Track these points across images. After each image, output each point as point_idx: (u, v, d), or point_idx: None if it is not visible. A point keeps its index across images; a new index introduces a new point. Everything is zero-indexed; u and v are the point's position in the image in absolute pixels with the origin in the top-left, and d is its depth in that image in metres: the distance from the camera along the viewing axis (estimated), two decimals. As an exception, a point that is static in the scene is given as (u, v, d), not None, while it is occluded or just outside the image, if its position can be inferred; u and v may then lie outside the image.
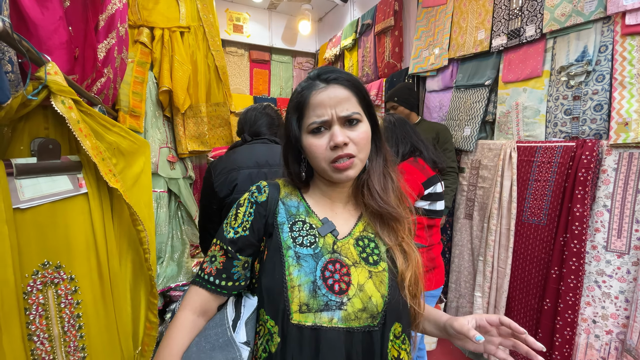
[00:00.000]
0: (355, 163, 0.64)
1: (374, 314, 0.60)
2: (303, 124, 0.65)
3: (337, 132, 0.62)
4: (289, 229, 0.66)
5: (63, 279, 0.69)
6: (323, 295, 0.60)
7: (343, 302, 0.59)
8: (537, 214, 1.84)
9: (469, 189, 2.30)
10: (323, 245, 0.64)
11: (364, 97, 0.67)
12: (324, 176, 0.67)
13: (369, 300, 0.60)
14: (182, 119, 1.84)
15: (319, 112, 0.62)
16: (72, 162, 0.74)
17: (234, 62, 4.11)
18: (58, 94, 0.69)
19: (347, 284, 0.61)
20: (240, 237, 0.67)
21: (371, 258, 0.64)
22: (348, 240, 0.66)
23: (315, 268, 0.62)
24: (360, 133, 0.64)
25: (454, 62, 2.44)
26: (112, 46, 1.28)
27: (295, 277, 0.61)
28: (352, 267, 0.63)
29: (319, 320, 0.58)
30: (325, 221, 0.67)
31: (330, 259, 0.63)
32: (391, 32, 2.95)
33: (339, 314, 0.59)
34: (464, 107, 2.34)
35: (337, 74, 0.64)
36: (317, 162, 0.64)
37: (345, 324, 0.59)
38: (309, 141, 0.64)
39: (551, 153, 1.79)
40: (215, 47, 1.90)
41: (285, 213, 0.68)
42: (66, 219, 0.71)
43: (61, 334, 0.68)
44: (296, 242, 0.64)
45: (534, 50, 1.94)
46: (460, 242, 2.36)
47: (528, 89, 1.97)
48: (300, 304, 0.59)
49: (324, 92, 0.63)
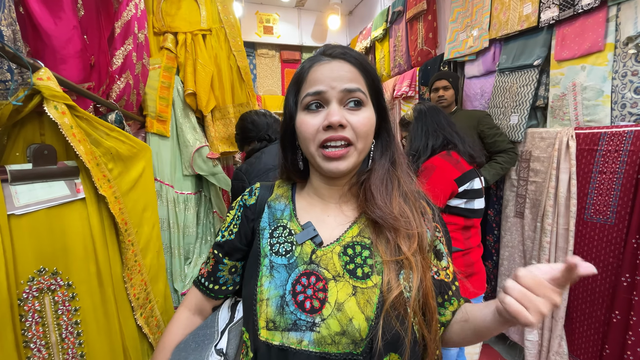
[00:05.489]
0: (350, 153, 0.54)
1: (356, 340, 0.49)
2: (299, 99, 0.57)
3: (334, 109, 0.52)
4: (269, 234, 0.59)
5: (60, 286, 0.68)
6: (291, 313, 0.51)
7: (315, 323, 0.50)
8: (603, 211, 1.57)
9: (519, 184, 2.04)
10: (299, 255, 0.55)
11: (373, 82, 0.58)
12: (316, 167, 0.58)
13: (349, 323, 0.49)
14: (212, 120, 1.85)
15: (316, 84, 0.54)
16: (69, 167, 0.74)
17: (265, 64, 4.15)
18: (51, 99, 0.68)
19: (321, 301, 0.51)
20: (226, 241, 0.63)
21: (360, 270, 0.53)
22: (332, 249, 0.55)
23: (286, 281, 0.53)
24: (362, 118, 0.54)
25: (496, 43, 2.19)
26: (130, 52, 1.31)
27: (265, 290, 0.53)
28: (332, 281, 0.52)
29: (287, 341, 0.50)
30: (307, 226, 0.57)
31: (305, 271, 0.54)
32: (424, 17, 2.74)
33: (310, 335, 0.49)
34: (509, 92, 2.08)
35: (344, 50, 0.56)
36: (307, 144, 0.55)
37: (319, 348, 0.49)
38: (301, 118, 0.55)
39: (619, 140, 1.51)
40: (236, 48, 1.89)
41: (269, 217, 0.61)
42: (63, 225, 0.70)
43: (59, 341, 0.67)
44: (272, 250, 0.57)
45: (593, 20, 1.65)
46: (511, 242, 2.11)
47: (587, 66, 1.68)
48: (267, 319, 0.51)
49: (327, 64, 0.54)
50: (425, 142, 1.39)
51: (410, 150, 1.44)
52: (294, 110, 0.58)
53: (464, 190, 1.30)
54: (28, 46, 0.94)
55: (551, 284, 0.40)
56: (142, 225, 0.94)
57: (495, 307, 0.47)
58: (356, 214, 0.59)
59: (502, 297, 0.41)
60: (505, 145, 1.95)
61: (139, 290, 0.87)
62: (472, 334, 0.55)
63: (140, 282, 0.87)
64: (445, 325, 0.59)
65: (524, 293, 0.40)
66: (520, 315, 0.39)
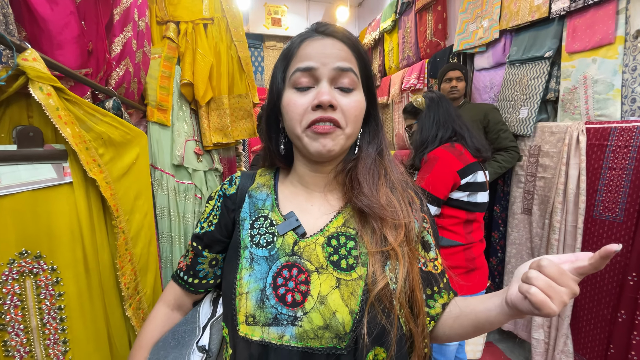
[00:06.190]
0: (337, 135, 0.51)
1: (339, 335, 0.47)
2: (287, 75, 0.54)
3: (324, 88, 0.50)
4: (249, 225, 0.56)
5: (43, 269, 0.68)
6: (271, 307, 0.49)
7: (297, 317, 0.48)
8: (612, 208, 1.51)
9: (527, 180, 1.98)
10: (281, 246, 0.53)
11: (365, 66, 0.55)
12: (301, 149, 0.55)
13: (333, 317, 0.47)
14: (206, 111, 1.84)
15: (307, 59, 0.51)
16: (56, 150, 0.73)
17: (274, 57, 4.12)
18: (36, 80, 0.67)
19: (303, 294, 0.49)
20: (205, 233, 0.60)
21: (344, 262, 0.51)
22: (316, 239, 0.53)
23: (267, 273, 0.51)
24: (352, 102, 0.52)
25: (507, 34, 2.12)
26: (129, 40, 1.30)
27: (245, 283, 0.51)
28: (315, 273, 0.50)
29: (267, 336, 0.48)
30: (289, 216, 0.55)
31: (287, 263, 0.51)
32: (433, 8, 2.67)
33: (292, 330, 0.47)
34: (519, 85, 2.02)
35: (337, 29, 0.54)
36: (292, 125, 0.53)
37: (301, 343, 0.47)
38: (288, 97, 0.53)
39: (629, 135, 1.45)
40: (238, 38, 1.87)
41: (250, 207, 0.58)
42: (49, 208, 0.70)
43: (40, 325, 0.67)
44: (253, 242, 0.54)
45: (603, 12, 1.58)
46: (518, 240, 2.06)
47: (598, 59, 1.61)
48: (246, 314, 0.49)
49: (319, 41, 0.52)
50: (435, 133, 1.35)
51: (419, 140, 1.40)
52: (281, 87, 0.55)
53: (466, 183, 1.27)
54: (24, 31, 0.94)
55: (572, 273, 0.39)
56: (134, 213, 0.93)
57: (504, 298, 0.45)
58: (341, 203, 0.57)
59: (527, 287, 0.40)
60: (508, 142, 1.90)
61: (129, 279, 0.86)
62: (471, 326, 0.53)
63: (130, 272, 0.86)
64: (435, 319, 0.57)
65: (549, 283, 0.38)
66: (545, 306, 0.38)
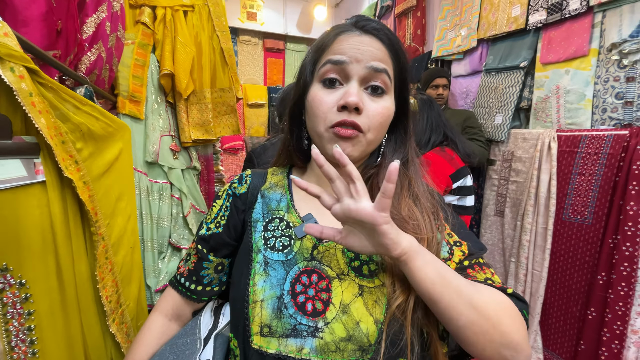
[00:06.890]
0: (359, 140, 0.48)
1: (363, 346, 0.43)
2: (316, 68, 0.51)
3: (353, 89, 0.47)
4: (263, 227, 0.52)
5: (10, 285, 0.57)
6: (290, 317, 0.44)
7: (318, 327, 0.44)
8: (581, 211, 1.61)
9: (500, 184, 2.07)
10: (298, 250, 0.49)
11: (401, 70, 0.52)
12: (320, 149, 0.51)
13: (356, 327, 0.44)
14: (185, 105, 1.71)
15: (340, 53, 0.48)
16: (27, 144, 0.61)
17: (248, 52, 3.99)
18: (6, 59, 0.56)
19: (324, 302, 0.45)
20: (212, 235, 0.55)
21: (366, 268, 0.48)
22: (336, 244, 0.49)
23: (284, 279, 0.47)
24: (380, 107, 0.48)
25: (484, 43, 2.20)
26: (103, 21, 1.16)
27: (259, 290, 0.46)
28: (336, 279, 0.47)
29: (285, 349, 0.43)
30: (307, 218, 0.51)
31: (306, 269, 0.47)
32: (413, 13, 2.73)
33: (312, 342, 0.43)
34: (494, 92, 2.11)
35: (379, 26, 0.49)
36: (316, 122, 0.49)
37: (321, 357, 0.43)
38: (314, 92, 0.50)
39: (599, 143, 1.56)
40: (220, 28, 1.76)
41: (262, 208, 0.54)
42: (17, 212, 0.58)
43: (7, 350, 0.56)
44: (267, 245, 0.50)
45: (579, 25, 1.69)
46: (491, 241, 2.15)
47: (572, 70, 1.72)
48: (261, 324, 0.44)
49: (356, 37, 0.48)
50: (428, 137, 1.35)
51: None
52: (309, 80, 0.52)
53: (457, 187, 1.29)
54: (-13, 4, 0.80)
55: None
56: (115, 217, 0.82)
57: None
58: None
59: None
60: (480, 144, 1.99)
61: (111, 292, 0.75)
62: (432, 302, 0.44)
63: (112, 283, 0.75)
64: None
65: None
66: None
